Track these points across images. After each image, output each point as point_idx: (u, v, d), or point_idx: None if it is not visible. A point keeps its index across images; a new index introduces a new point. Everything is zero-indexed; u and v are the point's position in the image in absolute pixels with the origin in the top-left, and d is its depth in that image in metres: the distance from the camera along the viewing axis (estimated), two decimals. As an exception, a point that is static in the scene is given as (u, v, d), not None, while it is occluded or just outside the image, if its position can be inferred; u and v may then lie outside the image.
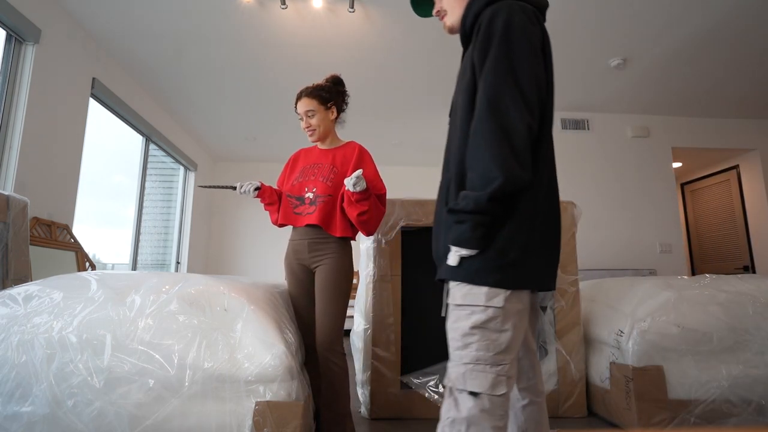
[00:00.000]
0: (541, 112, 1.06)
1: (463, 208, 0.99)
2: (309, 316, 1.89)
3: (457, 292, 1.03)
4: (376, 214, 1.84)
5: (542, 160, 1.08)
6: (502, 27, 1.04)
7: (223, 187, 1.98)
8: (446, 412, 1.01)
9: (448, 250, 1.05)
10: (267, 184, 2.00)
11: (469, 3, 1.17)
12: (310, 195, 1.88)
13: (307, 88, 1.96)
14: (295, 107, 1.97)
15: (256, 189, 1.92)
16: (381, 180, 1.90)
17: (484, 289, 1.00)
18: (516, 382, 1.20)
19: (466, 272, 1.02)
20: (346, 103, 2.03)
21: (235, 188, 1.92)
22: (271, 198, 1.97)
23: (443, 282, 1.11)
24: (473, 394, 0.98)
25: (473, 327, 1.00)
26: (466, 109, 1.09)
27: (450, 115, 1.22)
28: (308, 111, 1.92)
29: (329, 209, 1.84)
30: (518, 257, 1.01)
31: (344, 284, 1.85)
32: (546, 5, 1.20)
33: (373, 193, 1.81)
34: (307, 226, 1.86)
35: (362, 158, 1.92)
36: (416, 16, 1.43)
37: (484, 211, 0.98)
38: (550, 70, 1.12)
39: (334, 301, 1.81)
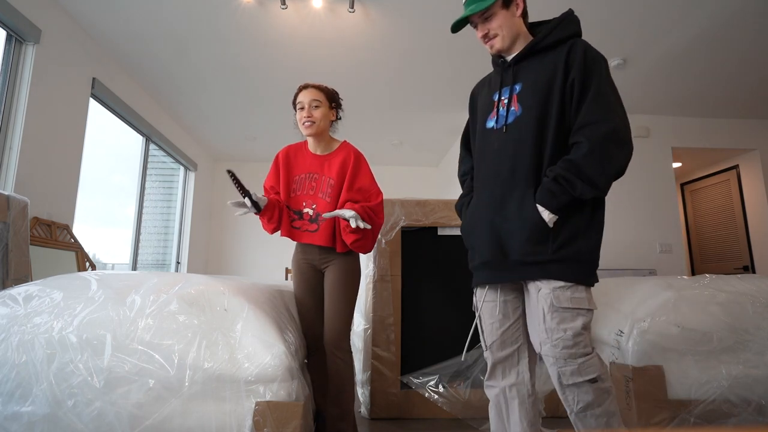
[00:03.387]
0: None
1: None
2: (314, 316, 1.89)
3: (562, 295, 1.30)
4: (371, 236, 1.85)
5: None
6: (600, 57, 1.36)
7: (240, 189, 1.75)
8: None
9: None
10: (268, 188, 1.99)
11: (550, 28, 1.39)
12: (309, 211, 1.87)
13: (312, 83, 1.96)
14: (295, 97, 1.95)
15: (255, 212, 1.80)
16: (377, 186, 1.88)
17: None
18: (531, 378, 1.41)
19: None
20: (339, 118, 2.03)
21: (247, 196, 1.76)
22: (271, 221, 1.89)
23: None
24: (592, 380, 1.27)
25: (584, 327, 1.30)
26: (556, 113, 1.35)
27: (506, 123, 1.40)
28: (314, 101, 1.89)
29: (332, 228, 1.83)
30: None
31: (354, 283, 1.87)
32: None
33: (368, 205, 1.79)
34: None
35: (358, 167, 1.89)
36: (416, 16, 1.49)
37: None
38: None
39: (345, 299, 1.82)
